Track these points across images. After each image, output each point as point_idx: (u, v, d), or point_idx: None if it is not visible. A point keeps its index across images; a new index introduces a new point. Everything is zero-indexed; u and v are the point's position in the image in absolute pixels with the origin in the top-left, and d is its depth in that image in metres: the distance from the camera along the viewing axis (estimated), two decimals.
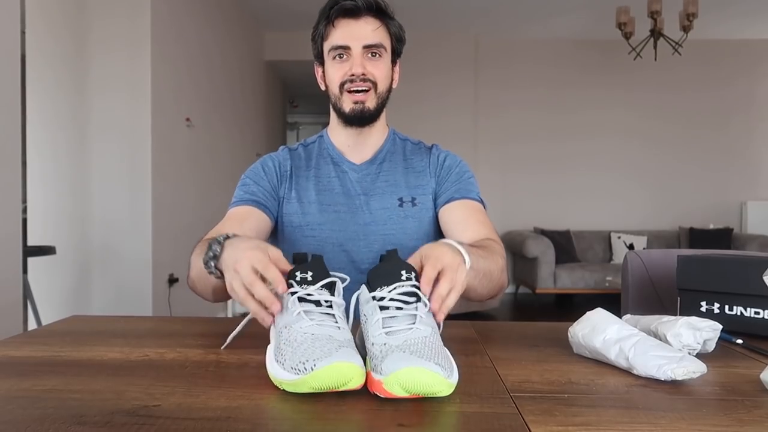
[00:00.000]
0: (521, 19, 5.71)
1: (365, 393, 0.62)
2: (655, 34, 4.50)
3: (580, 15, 5.52)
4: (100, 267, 3.17)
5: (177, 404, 0.60)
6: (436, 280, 0.72)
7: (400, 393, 0.58)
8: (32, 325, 2.67)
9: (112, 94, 3.15)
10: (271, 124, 6.60)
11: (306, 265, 0.73)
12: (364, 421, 0.56)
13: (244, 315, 1.08)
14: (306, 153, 1.26)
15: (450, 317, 1.25)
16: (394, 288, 0.69)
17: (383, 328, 0.66)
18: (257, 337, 0.85)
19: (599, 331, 0.76)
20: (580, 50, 6.24)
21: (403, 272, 0.70)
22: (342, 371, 0.59)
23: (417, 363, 0.59)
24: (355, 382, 0.60)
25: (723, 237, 5.68)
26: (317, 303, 0.70)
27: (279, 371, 0.64)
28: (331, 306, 0.70)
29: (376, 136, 1.24)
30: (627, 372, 0.72)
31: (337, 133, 1.24)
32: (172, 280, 3.50)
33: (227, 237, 0.84)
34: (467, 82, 6.14)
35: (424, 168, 1.23)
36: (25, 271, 2.45)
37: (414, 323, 0.66)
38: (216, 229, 1.13)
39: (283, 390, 0.63)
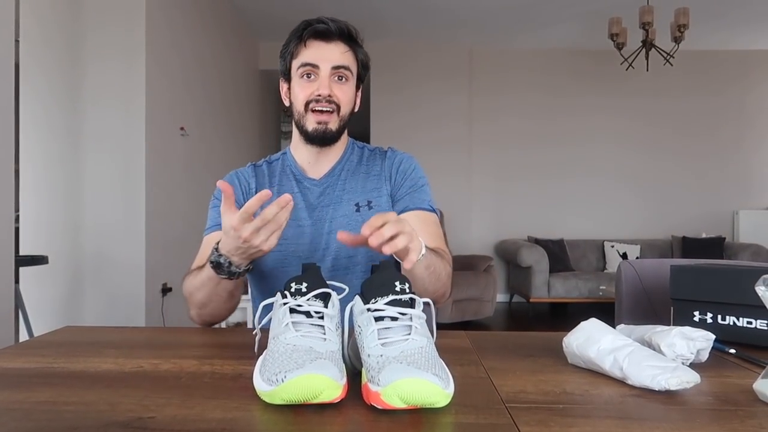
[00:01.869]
0: (515, 30, 5.75)
1: (362, 405, 0.62)
2: (647, 44, 4.54)
3: (573, 26, 5.57)
4: (92, 277, 3.15)
5: (172, 416, 0.59)
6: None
7: (398, 404, 0.58)
8: (24, 335, 2.65)
9: (106, 103, 3.14)
10: (266, 133, 6.61)
11: (301, 275, 0.74)
12: None
13: (238, 325, 1.08)
14: (270, 170, 1.29)
15: (445, 327, 1.25)
16: (389, 299, 0.69)
17: (379, 339, 0.66)
18: (250, 348, 0.85)
19: (593, 342, 0.76)
20: (573, 60, 6.29)
21: (397, 283, 0.71)
22: (311, 383, 0.59)
23: (415, 374, 0.59)
24: (328, 395, 0.59)
25: (715, 246, 5.71)
26: (308, 314, 0.70)
27: (258, 381, 0.65)
28: (322, 317, 0.70)
29: (335, 152, 1.27)
30: (621, 382, 0.72)
31: (299, 150, 1.26)
32: (166, 290, 3.48)
33: (216, 249, 0.99)
34: (461, 91, 6.17)
35: (379, 172, 1.27)
36: (16, 281, 2.44)
37: (410, 334, 0.66)
38: (199, 257, 1.19)
39: (275, 403, 0.63)
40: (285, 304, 0.71)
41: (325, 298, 0.72)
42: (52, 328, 1.14)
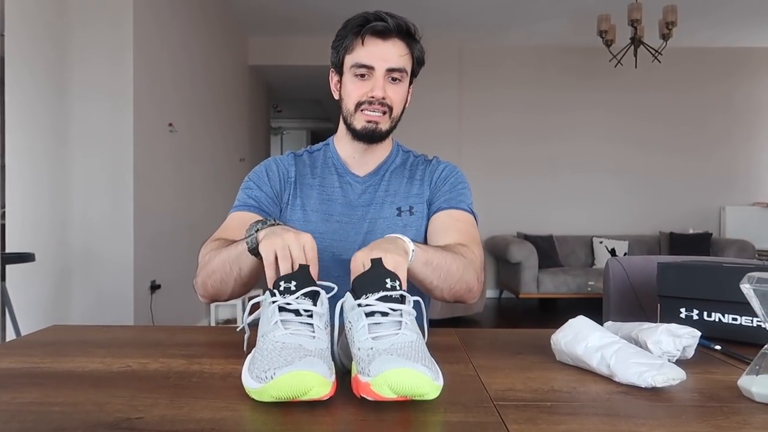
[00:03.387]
0: (504, 27, 5.76)
1: (351, 403, 0.63)
2: (636, 41, 4.57)
3: (562, 22, 5.59)
4: (80, 274, 3.12)
5: (160, 416, 0.59)
6: None
7: (388, 394, 0.58)
8: (10, 334, 2.63)
9: (93, 99, 3.11)
10: (255, 128, 6.58)
11: (290, 274, 0.74)
12: (348, 431, 0.56)
13: (227, 322, 1.07)
14: (311, 160, 1.27)
15: (434, 323, 1.25)
16: (380, 295, 0.69)
17: (369, 333, 0.66)
18: (240, 347, 0.85)
19: (581, 339, 0.77)
20: (563, 57, 6.31)
21: (388, 280, 0.71)
22: (301, 380, 0.59)
23: (405, 364, 0.59)
24: (317, 392, 0.60)
25: (702, 242, 5.76)
26: (297, 312, 0.70)
27: (247, 378, 0.65)
28: (311, 315, 0.70)
29: (382, 150, 1.25)
30: (608, 379, 0.72)
31: (344, 145, 1.25)
32: (154, 287, 3.46)
33: (266, 222, 0.92)
34: (451, 87, 6.18)
35: (422, 177, 1.26)
36: (3, 278, 2.41)
37: (400, 329, 0.67)
38: (220, 231, 1.14)
39: (264, 400, 0.63)
40: (274, 302, 0.71)
41: (313, 297, 0.72)
42: (39, 326, 1.13)
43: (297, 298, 0.71)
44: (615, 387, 0.70)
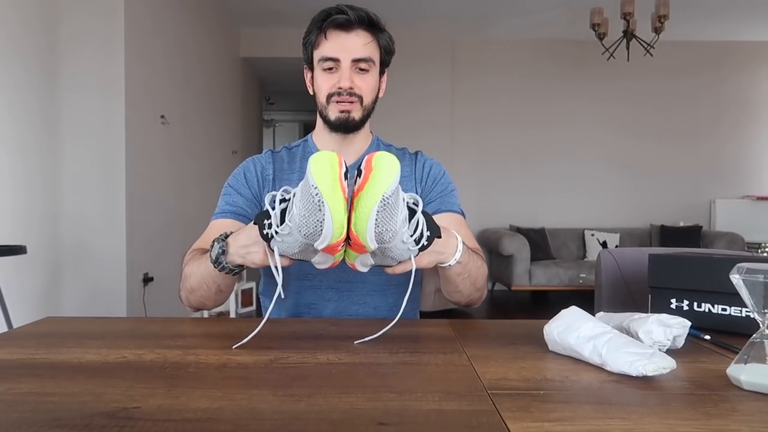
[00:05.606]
0: (497, 20, 5.75)
1: (346, 393, 0.63)
2: (628, 35, 4.58)
3: (555, 16, 5.59)
4: (72, 267, 3.11)
5: (157, 406, 0.60)
6: None
7: None
8: (2, 327, 2.61)
9: (84, 91, 3.09)
10: (248, 121, 6.55)
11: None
12: (344, 420, 0.57)
13: (220, 315, 1.08)
14: (289, 156, 1.29)
15: (428, 315, 1.26)
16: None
17: None
18: (236, 338, 0.86)
19: (573, 329, 0.78)
20: (555, 50, 6.32)
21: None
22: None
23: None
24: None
25: (693, 234, 5.81)
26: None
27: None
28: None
29: (360, 142, 1.27)
30: (600, 368, 0.73)
31: (322, 138, 1.27)
32: (147, 280, 3.45)
33: (227, 236, 0.95)
34: (444, 79, 6.17)
35: (409, 173, 1.27)
36: None
37: None
38: (201, 241, 1.17)
39: (264, 391, 0.63)
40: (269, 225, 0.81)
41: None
42: (31, 319, 1.13)
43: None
44: (606, 376, 0.71)
